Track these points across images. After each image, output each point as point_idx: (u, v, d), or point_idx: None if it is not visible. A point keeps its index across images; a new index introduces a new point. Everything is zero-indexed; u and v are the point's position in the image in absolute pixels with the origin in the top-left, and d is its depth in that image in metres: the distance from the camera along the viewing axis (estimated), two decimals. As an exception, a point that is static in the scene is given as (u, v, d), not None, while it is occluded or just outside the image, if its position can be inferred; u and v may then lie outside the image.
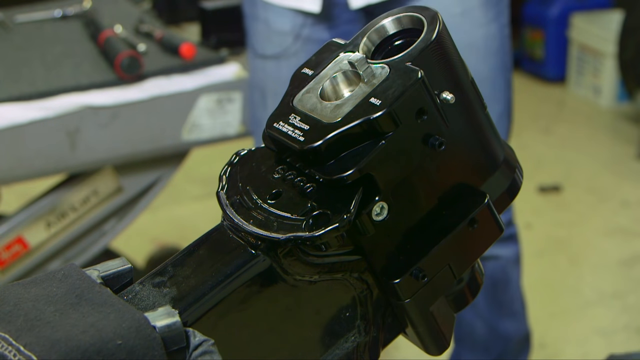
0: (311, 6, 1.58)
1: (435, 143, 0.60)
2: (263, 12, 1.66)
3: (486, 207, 0.63)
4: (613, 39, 3.70)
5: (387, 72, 0.60)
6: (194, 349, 0.52)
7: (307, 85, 0.64)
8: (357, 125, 0.58)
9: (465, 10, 1.61)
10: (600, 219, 3.04)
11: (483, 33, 1.61)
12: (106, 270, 0.56)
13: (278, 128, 0.62)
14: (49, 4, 2.27)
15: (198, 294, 0.56)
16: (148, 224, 2.86)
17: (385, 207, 0.60)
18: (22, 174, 1.79)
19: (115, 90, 1.81)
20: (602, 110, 3.95)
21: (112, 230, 1.96)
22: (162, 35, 1.97)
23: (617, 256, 2.78)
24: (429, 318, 0.64)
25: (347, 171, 0.58)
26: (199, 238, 0.62)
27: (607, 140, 3.69)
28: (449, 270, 0.63)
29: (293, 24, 1.62)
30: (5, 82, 1.81)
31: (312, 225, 0.57)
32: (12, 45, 2.02)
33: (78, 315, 0.50)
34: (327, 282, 0.61)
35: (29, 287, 0.53)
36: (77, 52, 1.96)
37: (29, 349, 0.47)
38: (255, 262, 0.58)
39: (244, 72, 1.91)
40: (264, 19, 1.65)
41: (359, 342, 0.63)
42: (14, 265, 1.87)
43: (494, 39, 1.63)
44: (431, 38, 0.61)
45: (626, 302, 2.59)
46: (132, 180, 1.93)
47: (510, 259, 1.84)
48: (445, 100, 0.60)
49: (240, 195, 0.61)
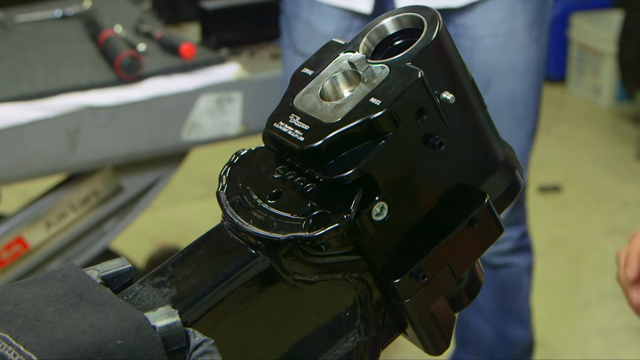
0: (362, 6, 1.58)
1: (435, 143, 0.60)
2: (307, 13, 1.65)
3: (486, 207, 0.63)
4: (613, 39, 3.70)
5: (387, 72, 0.60)
6: (194, 349, 0.52)
7: (307, 85, 0.64)
8: (357, 125, 0.58)
9: (510, 30, 1.62)
10: (600, 219, 3.04)
11: (524, 54, 1.62)
12: (106, 270, 0.56)
13: (278, 128, 0.62)
14: (49, 4, 2.27)
15: (198, 294, 0.56)
16: (148, 224, 2.86)
17: (385, 207, 0.60)
18: (22, 174, 1.79)
19: (115, 90, 1.81)
20: (602, 110, 3.95)
21: (112, 230, 1.96)
22: (162, 35, 1.97)
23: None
24: (429, 318, 0.64)
25: (347, 171, 0.58)
26: (199, 238, 0.62)
27: (607, 140, 3.69)
28: (449, 270, 0.63)
29: (337, 27, 1.61)
30: (5, 82, 1.81)
31: (312, 225, 0.57)
32: (12, 45, 2.02)
33: (78, 315, 0.50)
34: (327, 282, 0.61)
35: (29, 287, 0.53)
36: (77, 52, 1.96)
37: (29, 349, 0.47)
38: (255, 262, 0.58)
39: (244, 72, 1.91)
40: (307, 20, 1.64)
41: (359, 342, 0.63)
42: (14, 265, 1.87)
43: (533, 60, 1.65)
44: (431, 38, 0.61)
45: (626, 302, 2.58)
46: (132, 180, 1.93)
47: (523, 268, 1.86)
48: (445, 100, 0.60)
49: (240, 195, 0.61)
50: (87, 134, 1.78)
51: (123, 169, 1.92)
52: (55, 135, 1.76)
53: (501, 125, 1.75)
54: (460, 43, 1.63)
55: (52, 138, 1.76)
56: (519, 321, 1.92)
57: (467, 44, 1.63)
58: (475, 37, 1.62)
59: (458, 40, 1.63)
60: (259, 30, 2.04)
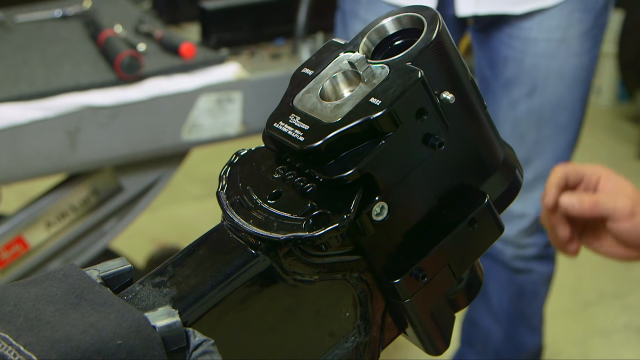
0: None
1: (435, 143, 0.60)
2: (364, 12, 1.66)
3: (486, 207, 0.63)
4: (613, 39, 3.70)
5: (387, 72, 0.60)
6: (194, 349, 0.52)
7: (307, 85, 0.64)
8: (357, 125, 0.58)
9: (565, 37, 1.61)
10: (600, 219, 3.04)
11: (575, 63, 1.61)
12: (106, 270, 0.56)
13: (278, 128, 0.62)
14: (49, 4, 2.27)
15: (198, 294, 0.56)
16: (148, 224, 2.86)
17: (385, 207, 0.60)
18: (22, 174, 1.79)
19: (115, 90, 1.81)
20: (602, 110, 3.95)
21: (112, 230, 1.96)
22: (162, 35, 1.97)
23: (617, 256, 2.78)
24: (429, 318, 0.64)
25: (347, 171, 0.58)
26: (199, 238, 0.62)
27: (607, 140, 3.69)
28: (449, 270, 0.63)
29: None
30: (5, 82, 1.81)
31: (312, 225, 0.57)
32: (12, 45, 2.02)
33: (78, 315, 0.50)
34: (327, 282, 0.61)
35: (29, 287, 0.53)
36: (77, 52, 1.96)
37: (29, 349, 0.47)
38: (255, 262, 0.58)
39: (244, 72, 1.91)
40: (365, 19, 1.65)
41: (359, 342, 0.63)
42: (14, 265, 1.87)
43: (583, 70, 1.64)
44: (431, 38, 0.61)
45: (626, 302, 2.59)
46: (132, 180, 1.93)
47: (544, 276, 1.86)
48: (445, 100, 0.60)
49: (240, 195, 0.61)
50: (87, 134, 1.78)
51: (123, 169, 1.92)
52: (55, 135, 1.76)
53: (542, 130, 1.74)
54: (513, 44, 1.62)
55: (52, 138, 1.76)
56: (530, 326, 1.92)
57: (519, 46, 1.62)
58: (529, 39, 1.61)
59: (511, 41, 1.62)
60: (259, 30, 2.04)
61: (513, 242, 1.79)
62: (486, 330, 1.91)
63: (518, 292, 1.86)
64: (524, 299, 1.87)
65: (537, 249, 1.81)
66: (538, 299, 1.89)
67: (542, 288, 1.88)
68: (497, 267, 1.83)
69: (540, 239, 1.80)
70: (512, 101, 1.66)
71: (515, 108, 1.66)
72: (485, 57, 1.69)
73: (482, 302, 1.89)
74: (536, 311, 1.91)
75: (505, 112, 1.68)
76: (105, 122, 1.79)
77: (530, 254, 1.81)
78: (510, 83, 1.65)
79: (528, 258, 1.82)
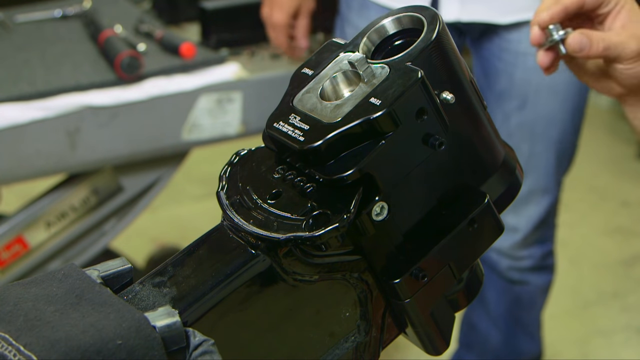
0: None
1: (435, 143, 0.60)
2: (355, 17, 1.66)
3: (486, 207, 0.63)
4: (613, 39, 3.70)
5: (387, 72, 0.60)
6: (194, 349, 0.52)
7: (307, 85, 0.64)
8: (357, 125, 0.58)
9: None
10: (600, 219, 3.04)
11: (566, 78, 1.58)
12: (106, 270, 0.56)
13: (278, 128, 0.62)
14: (49, 4, 2.27)
15: (198, 294, 0.56)
16: (148, 224, 2.86)
17: (385, 207, 0.60)
18: (22, 174, 1.79)
19: (115, 90, 1.80)
20: (602, 110, 3.95)
21: (112, 230, 1.96)
22: (162, 35, 1.97)
23: (617, 256, 2.78)
24: (429, 318, 0.64)
25: (347, 171, 0.58)
26: (199, 238, 0.62)
27: (607, 140, 3.69)
28: (449, 270, 0.63)
29: None
30: (5, 82, 1.81)
31: (312, 225, 0.57)
32: (12, 45, 2.02)
33: (78, 315, 0.50)
34: (327, 282, 0.61)
35: (29, 287, 0.53)
36: (77, 52, 1.96)
37: (29, 348, 0.47)
38: (255, 262, 0.58)
39: (244, 72, 1.91)
40: (355, 26, 1.64)
41: (359, 342, 0.63)
42: (14, 265, 1.87)
43: (575, 84, 1.61)
44: (431, 38, 0.61)
45: (626, 302, 2.59)
46: (132, 180, 1.93)
47: (541, 288, 1.85)
48: (445, 100, 0.60)
49: (240, 195, 0.61)
50: (87, 134, 1.78)
51: (123, 169, 1.92)
52: (55, 135, 1.76)
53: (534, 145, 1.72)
54: (504, 57, 1.61)
55: (52, 138, 1.76)
56: (528, 334, 1.91)
57: (510, 59, 1.61)
58: (519, 52, 1.60)
59: (502, 53, 1.61)
60: (259, 30, 2.04)
61: (507, 254, 1.77)
62: (484, 334, 1.91)
63: (514, 301, 1.85)
64: (521, 307, 1.86)
65: (532, 261, 1.79)
66: (535, 309, 1.88)
67: (539, 298, 1.87)
68: (493, 275, 1.82)
69: (536, 250, 1.78)
70: (505, 114, 1.65)
71: (508, 121, 1.65)
72: (480, 67, 1.68)
73: (480, 306, 1.88)
74: (534, 320, 1.90)
75: (499, 123, 1.67)
76: (105, 122, 1.79)
77: (526, 265, 1.79)
78: (503, 96, 1.64)
79: (523, 269, 1.80)
